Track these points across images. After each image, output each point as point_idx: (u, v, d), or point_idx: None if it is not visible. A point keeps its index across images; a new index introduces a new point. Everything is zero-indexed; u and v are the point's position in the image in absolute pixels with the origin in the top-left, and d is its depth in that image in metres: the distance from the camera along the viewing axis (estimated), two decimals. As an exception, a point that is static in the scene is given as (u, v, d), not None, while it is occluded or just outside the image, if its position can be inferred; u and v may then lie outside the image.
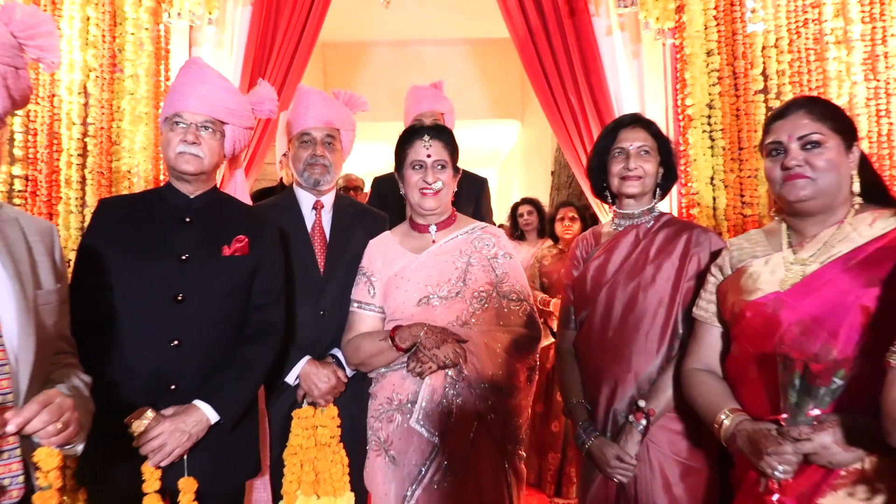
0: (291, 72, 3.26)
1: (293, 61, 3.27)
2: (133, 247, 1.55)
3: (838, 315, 1.19)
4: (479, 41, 6.80)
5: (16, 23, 1.16)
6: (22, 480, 1.05)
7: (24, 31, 1.16)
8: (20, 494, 1.04)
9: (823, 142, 1.28)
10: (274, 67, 3.23)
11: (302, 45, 3.27)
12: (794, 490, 1.20)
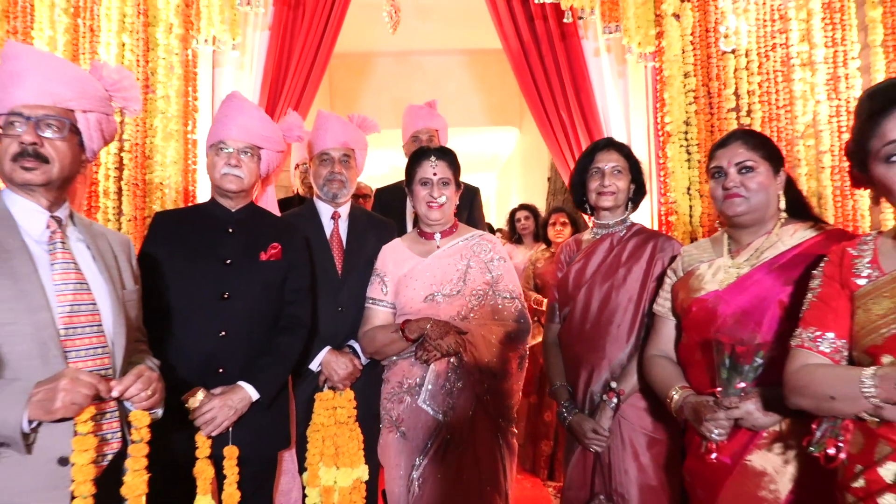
0: (307, 89, 3.55)
1: (308, 80, 3.55)
2: (186, 253, 1.85)
3: (762, 308, 1.49)
4: (478, 52, 7.07)
5: (106, 79, 1.45)
6: (119, 436, 1.35)
7: (112, 85, 1.46)
8: (118, 446, 1.34)
9: (755, 167, 1.58)
10: (290, 86, 3.51)
11: (315, 65, 3.56)
12: (728, 449, 1.50)
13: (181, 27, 3.22)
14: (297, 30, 3.52)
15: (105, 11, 3.18)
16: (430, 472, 2.05)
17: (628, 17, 3.27)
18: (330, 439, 2.15)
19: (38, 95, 1.32)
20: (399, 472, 2.10)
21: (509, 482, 2.11)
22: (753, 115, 3.24)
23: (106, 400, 1.27)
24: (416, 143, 3.00)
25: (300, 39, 3.52)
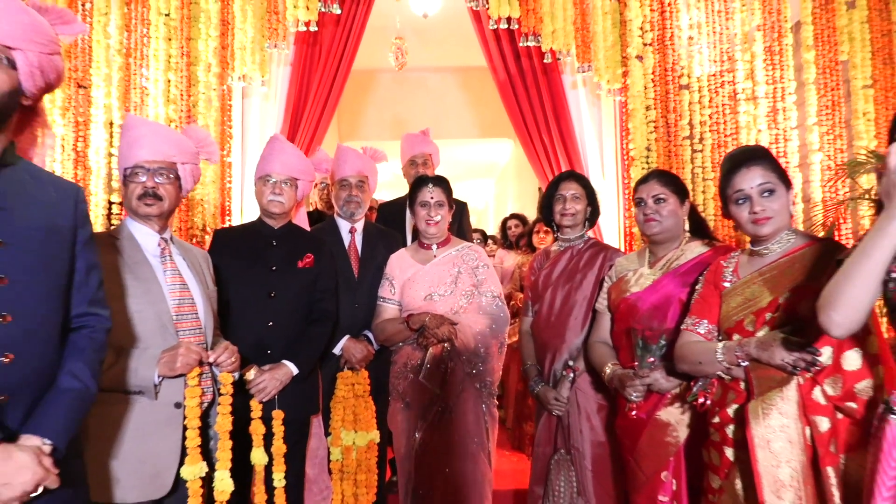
0: (323, 116, 4.11)
1: (324, 108, 4.11)
2: (241, 261, 2.41)
3: (667, 304, 2.06)
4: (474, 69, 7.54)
5: (195, 139, 2.02)
6: (211, 390, 1.91)
7: (199, 143, 2.03)
8: (210, 397, 1.90)
9: (667, 199, 2.14)
10: (308, 114, 4.07)
11: (331, 95, 4.12)
12: (643, 408, 2.06)
13: (218, 66, 3.79)
14: (315, 65, 4.08)
15: (153, 52, 3.74)
16: (428, 434, 2.61)
17: (599, 59, 3.84)
18: (349, 409, 2.71)
19: (153, 154, 1.89)
20: (405, 435, 2.67)
21: (492, 442, 2.68)
22: (704, 142, 3.80)
23: (204, 364, 1.83)
24: (413, 166, 3.55)
25: (318, 74, 4.08)
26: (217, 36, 3.79)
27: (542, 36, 3.83)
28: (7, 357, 1.27)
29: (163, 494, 1.78)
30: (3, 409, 1.27)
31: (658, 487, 2.03)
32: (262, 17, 3.83)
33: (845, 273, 1.30)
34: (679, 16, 3.83)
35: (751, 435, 1.57)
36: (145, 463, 1.74)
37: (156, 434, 1.76)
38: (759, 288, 1.73)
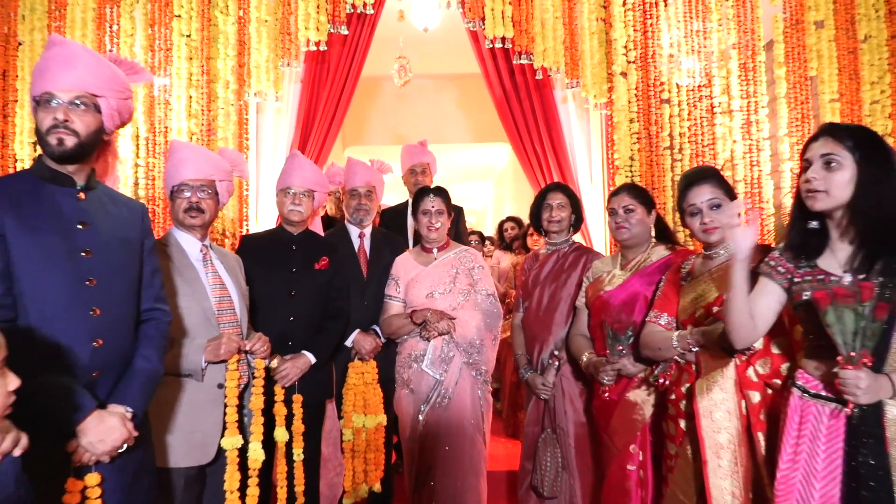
0: (331, 128, 4.42)
1: (332, 121, 4.42)
2: (266, 264, 2.73)
3: (634, 301, 2.38)
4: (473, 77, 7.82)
5: (229, 159, 2.36)
6: (247, 374, 2.24)
7: (233, 163, 2.36)
8: (246, 380, 2.23)
9: (635, 209, 2.47)
10: (318, 126, 4.39)
11: (339, 109, 4.43)
12: (615, 390, 2.39)
13: (236, 83, 4.12)
14: (324, 81, 4.40)
15: (175, 70, 4.07)
16: (430, 416, 2.94)
17: (586, 75, 4.16)
18: (360, 395, 3.04)
19: (195, 173, 2.22)
20: (409, 417, 3.00)
21: (486, 424, 3.01)
22: (684, 152, 4.11)
23: (241, 352, 2.17)
24: (413, 174, 3.88)
25: (326, 89, 4.40)
26: (234, 55, 4.11)
27: (534, 54, 4.15)
28: (98, 342, 1.60)
29: (207, 461, 2.12)
30: (95, 383, 1.60)
31: (627, 458, 2.36)
32: (275, 37, 4.15)
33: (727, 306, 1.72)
34: (660, 35, 4.15)
35: (697, 407, 1.90)
36: (194, 434, 2.08)
37: (202, 410, 2.10)
38: (708, 286, 2.06)
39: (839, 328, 1.45)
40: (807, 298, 1.58)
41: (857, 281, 1.52)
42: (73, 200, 1.67)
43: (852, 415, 1.51)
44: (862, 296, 1.44)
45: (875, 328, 1.44)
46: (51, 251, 1.58)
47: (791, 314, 1.75)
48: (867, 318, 1.43)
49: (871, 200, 1.56)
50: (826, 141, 1.63)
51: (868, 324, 1.43)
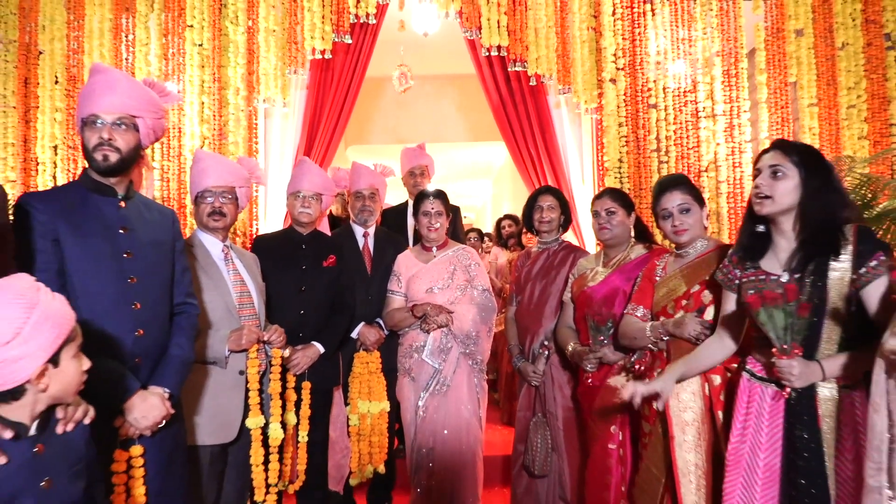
0: (336, 132, 4.65)
1: (336, 125, 4.65)
2: (278, 263, 2.97)
3: (614, 295, 2.62)
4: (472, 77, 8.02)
5: (247, 168, 2.59)
6: (266, 362, 2.48)
7: (251, 171, 2.60)
8: (264, 367, 2.47)
9: (616, 211, 2.70)
10: (322, 130, 4.61)
11: (342, 113, 4.66)
12: (597, 377, 2.63)
13: (245, 90, 4.35)
14: (328, 88, 4.63)
15: (188, 78, 4.31)
16: (430, 402, 3.18)
17: (577, 82, 4.39)
18: (365, 383, 3.28)
19: (217, 181, 2.45)
20: (410, 404, 3.23)
21: (482, 409, 3.25)
22: (670, 154, 4.35)
23: (260, 342, 2.41)
24: (412, 176, 4.10)
25: (330, 95, 4.63)
26: (244, 63, 4.35)
27: (528, 62, 4.38)
28: (139, 332, 1.84)
29: (230, 440, 2.36)
30: (137, 368, 1.84)
31: (609, 438, 2.59)
32: (283, 46, 4.38)
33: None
34: (648, 44, 4.38)
35: (665, 389, 2.14)
36: (218, 415, 2.32)
37: (225, 394, 2.34)
38: (678, 281, 2.30)
39: (771, 325, 1.68)
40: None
41: (785, 284, 1.76)
42: (115, 208, 1.91)
43: (790, 396, 1.75)
44: (787, 297, 1.67)
45: (801, 324, 1.68)
46: (98, 253, 1.82)
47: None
48: (794, 316, 1.67)
49: (816, 207, 1.80)
50: (775, 154, 1.87)
51: (794, 320, 1.67)
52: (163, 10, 4.38)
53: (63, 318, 1.30)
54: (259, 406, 2.39)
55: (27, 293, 1.25)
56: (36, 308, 1.24)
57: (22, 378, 1.25)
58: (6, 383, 1.24)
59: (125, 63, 4.40)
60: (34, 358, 1.25)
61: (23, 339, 1.22)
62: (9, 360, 1.22)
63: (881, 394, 1.51)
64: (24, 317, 1.22)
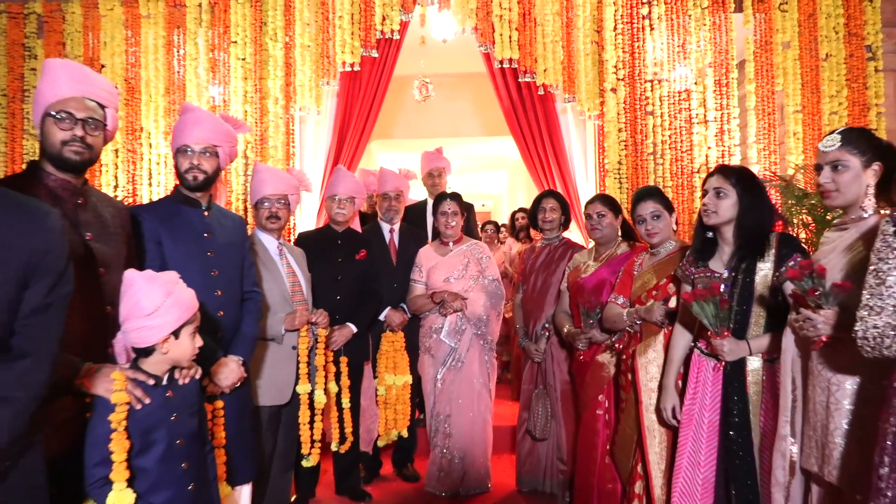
0: (364, 135, 5.13)
1: (364, 129, 5.12)
2: (317, 256, 3.48)
3: (602, 285, 3.11)
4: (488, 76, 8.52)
5: (298, 178, 3.12)
6: (312, 340, 3.01)
7: (301, 181, 3.13)
8: (312, 343, 3.00)
9: (605, 214, 3.19)
10: (351, 134, 5.09)
11: (370, 118, 5.12)
12: (587, 354, 3.13)
13: (283, 100, 4.86)
14: (356, 96, 5.09)
15: (233, 89, 4.83)
16: (447, 376, 3.71)
17: (581, 91, 4.84)
18: (390, 359, 3.81)
19: (273, 189, 2.98)
20: (430, 377, 3.77)
21: (492, 382, 3.78)
22: (665, 158, 4.80)
23: (309, 323, 2.94)
24: (431, 177, 4.59)
25: (358, 102, 5.10)
26: (282, 76, 4.85)
27: (537, 73, 4.83)
28: (220, 313, 2.38)
29: (284, 402, 2.91)
30: (219, 341, 2.38)
31: (597, 405, 3.10)
32: (316, 60, 4.88)
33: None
34: (645, 56, 4.82)
35: (636, 363, 2.64)
36: (275, 382, 2.87)
37: (281, 365, 2.89)
38: (650, 276, 2.79)
39: (703, 315, 2.17)
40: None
41: (712, 283, 2.24)
42: (200, 217, 2.44)
43: (725, 368, 2.24)
44: (714, 292, 2.17)
45: (725, 313, 2.18)
46: (189, 252, 2.35)
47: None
48: (718, 307, 2.16)
49: (749, 220, 2.28)
50: (718, 177, 2.35)
51: (720, 311, 2.16)
52: (210, 28, 4.90)
53: (188, 306, 1.82)
54: (307, 376, 2.93)
55: (168, 284, 1.78)
56: (172, 295, 1.77)
57: (152, 341, 1.78)
58: (142, 343, 1.77)
59: (176, 76, 4.94)
60: (162, 329, 1.78)
61: (158, 315, 1.75)
62: (147, 327, 1.75)
63: (788, 357, 2.01)
64: (162, 299, 1.75)
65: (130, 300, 1.74)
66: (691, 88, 4.80)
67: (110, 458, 1.69)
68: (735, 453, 2.20)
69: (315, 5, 4.86)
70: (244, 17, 4.86)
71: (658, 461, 2.57)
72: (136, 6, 4.93)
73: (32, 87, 4.98)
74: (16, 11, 5.02)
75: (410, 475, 4.02)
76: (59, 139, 1.83)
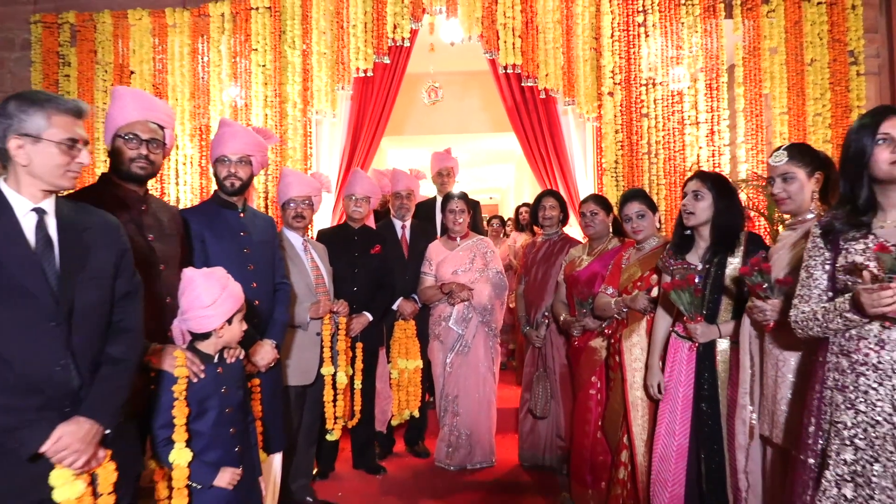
0: (376, 136, 5.47)
1: (376, 130, 5.46)
2: (336, 251, 3.82)
3: (594, 277, 3.44)
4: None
5: (319, 180, 3.46)
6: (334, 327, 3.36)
7: (324, 184, 3.46)
8: (334, 330, 3.35)
9: (598, 212, 3.51)
10: (364, 136, 5.42)
11: (382, 119, 5.46)
12: (582, 340, 3.46)
13: (301, 104, 5.20)
14: (369, 100, 5.42)
15: (254, 93, 5.17)
16: (455, 360, 4.05)
17: (580, 95, 5.15)
18: (403, 345, 4.15)
19: (299, 192, 3.31)
20: (439, 361, 4.11)
21: (496, 365, 4.12)
22: (659, 157, 5.10)
23: (331, 312, 3.29)
24: (440, 176, 4.90)
25: (371, 106, 5.42)
26: (300, 81, 5.19)
27: (539, 78, 5.14)
28: (256, 302, 2.72)
29: (309, 383, 3.26)
30: (255, 326, 2.72)
31: (590, 386, 3.42)
32: (332, 66, 5.20)
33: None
34: (640, 62, 5.12)
35: (622, 346, 2.98)
36: (301, 365, 3.21)
37: (306, 349, 3.23)
38: (636, 268, 3.11)
39: (680, 302, 2.50)
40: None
41: (688, 274, 2.56)
42: (237, 218, 2.78)
43: (698, 348, 2.57)
44: (689, 282, 2.49)
45: (698, 301, 2.50)
46: (229, 249, 2.70)
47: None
48: (693, 296, 2.48)
49: (722, 220, 2.60)
50: (697, 182, 2.66)
51: (694, 299, 2.49)
52: (232, 36, 5.24)
53: (238, 297, 2.17)
54: (330, 359, 3.28)
55: (223, 279, 2.12)
56: (226, 289, 2.11)
57: (211, 328, 2.13)
58: (202, 329, 2.12)
59: (201, 81, 5.28)
60: (219, 317, 2.12)
61: (216, 306, 2.10)
62: (207, 315, 2.09)
63: (746, 338, 2.34)
64: (219, 292, 2.09)
65: (192, 294, 2.08)
66: (684, 92, 5.10)
67: (173, 422, 2.04)
68: (705, 422, 2.54)
69: (330, 15, 5.18)
70: (264, 26, 5.19)
71: (640, 432, 2.91)
72: (163, 16, 5.27)
73: (66, 92, 5.33)
74: (50, 21, 5.37)
75: (421, 451, 4.37)
76: (128, 157, 2.18)
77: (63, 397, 1.60)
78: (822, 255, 1.85)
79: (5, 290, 1.53)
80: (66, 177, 1.63)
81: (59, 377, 1.59)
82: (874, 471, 1.66)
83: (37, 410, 1.55)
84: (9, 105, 1.59)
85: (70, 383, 1.62)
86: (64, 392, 1.61)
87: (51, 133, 1.60)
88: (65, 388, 1.61)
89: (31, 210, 1.61)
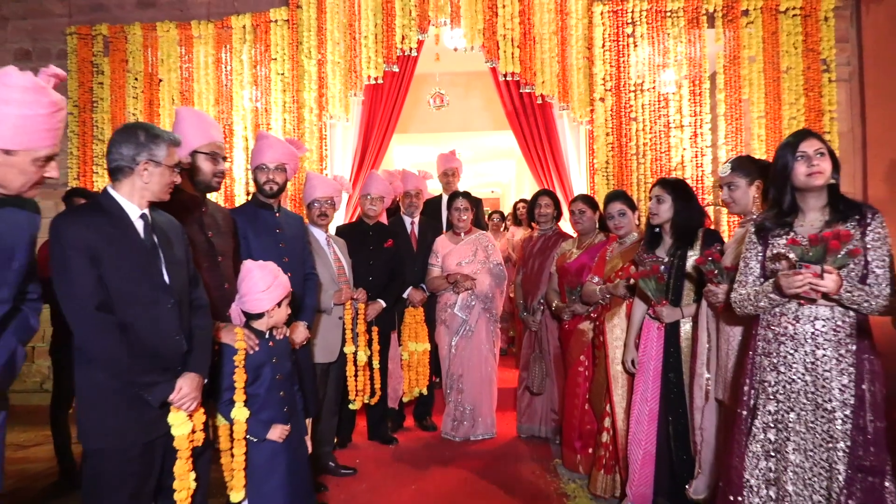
0: (385, 138, 5.92)
1: (386, 133, 5.91)
2: (353, 245, 4.28)
3: (582, 269, 3.90)
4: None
5: (340, 183, 3.91)
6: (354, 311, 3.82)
7: (344, 186, 3.92)
8: (354, 314, 3.81)
9: (585, 210, 3.96)
10: (375, 138, 5.88)
11: (391, 122, 5.91)
12: (572, 324, 3.92)
13: (317, 109, 5.65)
14: (379, 104, 5.87)
15: (273, 100, 5.62)
16: (459, 344, 4.52)
17: (574, 100, 5.60)
18: (413, 330, 4.62)
19: (322, 193, 3.77)
20: (445, 344, 4.58)
21: (497, 347, 4.60)
22: (646, 158, 5.55)
23: (351, 299, 3.75)
24: (445, 176, 5.36)
25: (380, 110, 5.87)
26: (316, 88, 5.64)
27: (536, 85, 5.59)
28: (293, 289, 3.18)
29: (333, 360, 3.73)
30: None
31: (578, 364, 3.89)
32: (345, 74, 5.66)
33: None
34: (630, 70, 5.57)
35: (605, 327, 3.44)
36: (326, 344, 3.68)
37: (330, 331, 3.70)
38: (618, 260, 3.57)
39: (647, 289, 2.96)
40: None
41: (653, 265, 3.02)
42: (273, 217, 3.24)
43: (665, 328, 3.04)
44: (653, 272, 2.95)
45: (662, 287, 2.96)
46: (267, 244, 3.16)
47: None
48: (657, 283, 2.94)
49: (681, 219, 3.06)
50: (658, 188, 3.12)
51: (658, 286, 2.95)
52: (253, 46, 5.69)
53: (286, 286, 2.62)
54: (351, 339, 3.75)
55: (275, 270, 2.58)
56: (277, 278, 2.57)
57: (263, 309, 2.59)
58: (257, 310, 2.58)
59: (224, 88, 5.73)
60: (270, 301, 2.58)
61: (269, 291, 2.56)
62: (261, 299, 2.55)
63: (703, 317, 2.80)
64: (272, 281, 2.55)
65: (250, 281, 2.54)
66: (669, 97, 5.54)
67: (233, 385, 2.51)
68: (671, 390, 3.01)
69: (344, 27, 5.63)
70: (282, 38, 5.64)
71: (620, 401, 3.37)
72: (189, 28, 5.72)
73: (100, 98, 5.80)
74: (84, 33, 5.82)
75: (429, 426, 4.85)
76: (211, 172, 2.66)
77: (177, 360, 2.12)
78: (755, 248, 2.31)
79: (138, 280, 2.01)
80: (168, 192, 2.11)
81: (177, 345, 2.11)
82: (790, 419, 2.13)
83: (161, 371, 2.05)
84: (139, 135, 2.05)
85: (182, 349, 2.13)
86: (178, 356, 2.12)
87: (168, 160, 2.08)
88: (179, 353, 2.12)
89: (139, 216, 2.08)
